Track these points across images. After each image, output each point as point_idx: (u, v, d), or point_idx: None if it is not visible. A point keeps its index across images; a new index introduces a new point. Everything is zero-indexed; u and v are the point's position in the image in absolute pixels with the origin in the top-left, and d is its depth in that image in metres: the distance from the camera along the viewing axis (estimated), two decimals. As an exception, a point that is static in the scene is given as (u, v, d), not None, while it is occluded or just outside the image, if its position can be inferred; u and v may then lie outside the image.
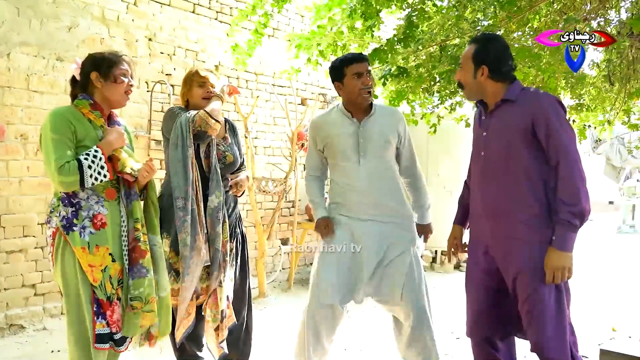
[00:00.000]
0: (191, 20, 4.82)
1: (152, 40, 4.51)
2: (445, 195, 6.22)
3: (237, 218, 2.75)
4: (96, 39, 4.12)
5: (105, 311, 2.07)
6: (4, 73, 3.64)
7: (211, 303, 2.54)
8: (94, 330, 2.04)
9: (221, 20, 5.07)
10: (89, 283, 2.05)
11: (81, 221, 2.05)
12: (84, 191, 2.08)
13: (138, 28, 4.41)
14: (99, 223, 2.08)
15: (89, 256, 2.04)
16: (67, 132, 2.04)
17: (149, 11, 4.49)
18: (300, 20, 5.86)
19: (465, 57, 2.16)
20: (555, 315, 2.00)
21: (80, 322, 2.05)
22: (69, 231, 2.04)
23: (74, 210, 2.05)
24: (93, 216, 2.07)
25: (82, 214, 2.06)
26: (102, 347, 2.06)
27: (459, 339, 3.75)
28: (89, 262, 2.04)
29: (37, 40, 3.78)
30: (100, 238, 2.08)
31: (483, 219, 2.18)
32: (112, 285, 2.09)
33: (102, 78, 2.14)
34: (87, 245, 2.04)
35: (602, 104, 4.08)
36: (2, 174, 3.65)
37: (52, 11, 3.87)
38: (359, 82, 2.48)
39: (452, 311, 4.47)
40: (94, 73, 2.15)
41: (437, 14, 3.62)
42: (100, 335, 2.05)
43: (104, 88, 2.16)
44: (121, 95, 2.19)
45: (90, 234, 2.06)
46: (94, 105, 2.14)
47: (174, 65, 4.68)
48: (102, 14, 4.17)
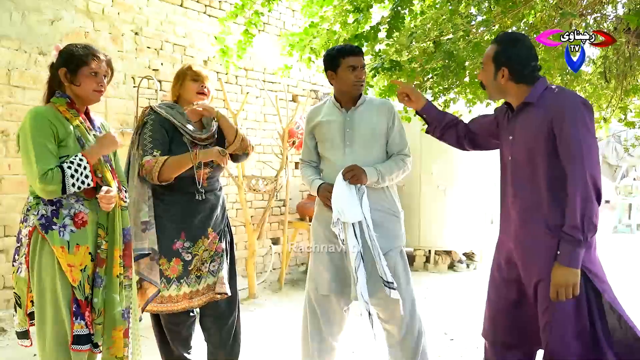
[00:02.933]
0: (179, 14, 4.71)
1: (138, 34, 4.40)
2: (438, 194, 6.16)
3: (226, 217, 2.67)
4: (80, 33, 4.01)
5: (84, 312, 2.02)
6: (-17, 67, 3.53)
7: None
8: (72, 332, 1.99)
9: (210, 15, 4.96)
10: (68, 283, 2.00)
11: (61, 220, 2.01)
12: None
13: (124, 22, 4.29)
14: (80, 221, 2.04)
15: (69, 256, 2.00)
16: (49, 136, 1.99)
17: (135, 4, 4.37)
18: (292, 14, 5.76)
19: (487, 57, 2.10)
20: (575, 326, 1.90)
21: (59, 323, 2.00)
22: (48, 230, 1.99)
23: (55, 209, 2.01)
24: (74, 214, 2.03)
25: (62, 212, 2.02)
26: (80, 349, 2.01)
27: (453, 340, 3.68)
28: (68, 262, 2.00)
29: (18, 34, 3.66)
30: (80, 237, 2.03)
31: (509, 224, 2.11)
32: (89, 286, 2.05)
33: (70, 74, 2.07)
34: (67, 244, 2.00)
35: (598, 101, 4.02)
36: (-18, 171, 3.53)
37: (34, 4, 3.75)
38: (353, 75, 2.46)
39: (446, 312, 4.41)
40: (62, 69, 2.08)
41: (430, 8, 3.55)
42: (78, 336, 2.00)
43: (73, 86, 2.09)
44: (90, 92, 2.10)
45: (70, 232, 2.01)
46: (70, 104, 2.10)
47: (161, 60, 4.57)
48: (87, 7, 4.05)
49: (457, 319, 4.23)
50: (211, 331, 2.58)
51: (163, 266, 2.42)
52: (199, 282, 2.48)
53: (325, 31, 3.59)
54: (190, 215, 2.46)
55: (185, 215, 2.46)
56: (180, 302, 2.44)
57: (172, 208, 2.45)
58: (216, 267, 2.51)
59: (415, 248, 6.33)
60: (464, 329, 3.93)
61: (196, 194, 2.47)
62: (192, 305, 2.48)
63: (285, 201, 5.41)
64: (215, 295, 2.50)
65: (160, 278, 2.40)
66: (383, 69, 3.13)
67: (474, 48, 3.18)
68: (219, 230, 2.57)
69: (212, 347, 2.60)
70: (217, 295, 2.50)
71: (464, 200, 6.17)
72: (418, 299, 2.61)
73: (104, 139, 2.11)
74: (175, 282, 2.43)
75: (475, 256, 6.49)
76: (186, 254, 2.44)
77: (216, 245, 2.53)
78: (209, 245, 2.50)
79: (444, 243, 6.20)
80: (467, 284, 5.59)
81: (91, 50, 2.12)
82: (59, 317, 2.00)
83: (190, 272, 2.45)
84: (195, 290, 2.47)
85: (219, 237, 2.55)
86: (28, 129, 1.98)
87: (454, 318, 4.24)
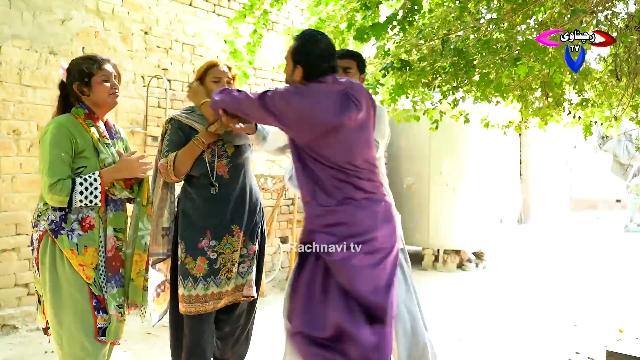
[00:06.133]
0: (188, 14, 4.73)
1: (147, 33, 4.43)
2: (447, 192, 6.13)
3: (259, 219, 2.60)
4: (90, 32, 4.04)
5: (105, 305, 2.13)
6: (-5, 67, 3.57)
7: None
8: (96, 325, 2.09)
9: (219, 14, 4.98)
10: (83, 282, 2.09)
11: (70, 224, 2.10)
12: None
13: (134, 21, 4.32)
14: (87, 225, 2.13)
15: (79, 257, 2.09)
16: (67, 147, 2.08)
17: (145, 4, 4.40)
18: (300, 13, 5.76)
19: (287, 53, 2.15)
20: None
21: (81, 318, 2.08)
22: (57, 235, 2.08)
23: (63, 214, 2.10)
24: (82, 219, 2.12)
25: (70, 218, 2.11)
26: (105, 340, 2.12)
27: (462, 340, 3.67)
28: (79, 262, 2.09)
29: (29, 33, 3.70)
30: (88, 239, 2.12)
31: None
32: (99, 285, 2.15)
33: (84, 87, 2.17)
34: (76, 246, 2.09)
35: (608, 99, 3.98)
36: (-6, 170, 3.57)
37: (45, 3, 3.78)
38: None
39: (454, 311, 4.40)
40: (75, 84, 2.18)
41: (438, 6, 3.53)
42: (101, 328, 2.11)
43: (89, 95, 2.19)
44: (107, 97, 2.20)
45: (78, 236, 2.10)
46: (88, 115, 2.18)
47: (170, 59, 4.59)
48: (97, 7, 4.08)
49: (465, 318, 4.21)
50: (226, 329, 2.57)
51: (189, 265, 2.39)
52: (228, 283, 2.44)
53: (332, 29, 3.59)
54: (213, 211, 2.42)
55: (209, 212, 2.42)
56: (209, 301, 2.40)
57: (198, 206, 2.44)
58: (245, 269, 2.50)
59: (424, 247, 6.31)
60: (473, 329, 3.91)
61: (211, 187, 2.42)
62: (220, 306, 2.45)
63: (294, 200, 5.42)
64: (242, 297, 2.49)
65: (187, 278, 2.38)
66: (393, 68, 3.12)
67: (484, 46, 3.16)
68: (250, 231, 2.51)
69: (222, 345, 2.59)
70: (244, 297, 2.49)
71: (473, 199, 6.15)
72: (426, 298, 2.58)
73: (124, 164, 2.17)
74: (202, 281, 2.38)
75: (484, 255, 6.46)
76: (211, 253, 2.40)
77: (248, 247, 2.50)
78: (238, 245, 2.45)
79: (453, 242, 6.17)
80: (476, 283, 5.57)
81: (96, 58, 2.21)
82: (79, 313, 2.08)
83: (218, 272, 2.41)
84: (224, 291, 2.44)
85: (250, 238, 2.51)
86: (48, 138, 2.07)
87: (462, 317, 4.23)
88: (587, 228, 10.90)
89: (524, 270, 6.30)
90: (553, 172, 12.26)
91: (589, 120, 4.47)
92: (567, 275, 6.00)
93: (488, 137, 6.02)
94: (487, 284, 5.56)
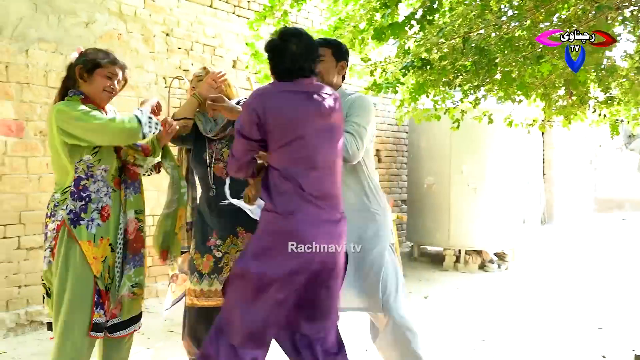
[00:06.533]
0: (208, 15, 4.77)
1: (169, 35, 4.48)
2: (469, 192, 6.07)
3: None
4: (113, 35, 4.10)
5: (104, 301, 2.15)
6: (22, 70, 3.65)
7: None
8: (92, 320, 2.12)
9: (239, 15, 5.01)
10: (92, 275, 2.11)
11: (89, 214, 2.11)
12: (95, 183, 2.14)
13: (155, 23, 4.38)
14: (106, 214, 2.16)
15: (94, 249, 2.11)
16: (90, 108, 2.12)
17: (166, 6, 4.45)
18: (319, 13, 5.77)
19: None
20: None
21: (84, 312, 2.11)
22: (76, 225, 2.09)
23: (84, 204, 2.11)
24: (102, 208, 2.14)
25: (91, 207, 2.12)
26: (98, 336, 2.16)
27: (484, 342, 3.63)
28: (93, 255, 2.11)
29: (54, 36, 3.78)
30: (104, 230, 2.15)
31: None
32: (108, 275, 2.17)
33: (84, 73, 2.17)
34: (93, 237, 2.11)
35: (635, 97, 3.90)
36: (22, 170, 3.65)
37: (69, 7, 3.86)
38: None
39: (476, 313, 4.35)
40: (78, 66, 2.18)
41: (459, 4, 3.50)
42: (96, 324, 2.14)
43: (84, 83, 2.19)
44: (101, 91, 2.19)
45: (97, 226, 2.13)
46: (84, 100, 2.18)
47: (191, 60, 4.64)
48: (119, 9, 4.15)
49: (488, 320, 4.16)
50: None
51: (197, 261, 2.49)
52: None
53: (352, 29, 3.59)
54: (217, 212, 2.50)
55: (215, 212, 2.51)
56: (212, 297, 2.47)
57: (207, 207, 2.53)
58: None
59: (445, 247, 6.25)
60: (495, 330, 3.87)
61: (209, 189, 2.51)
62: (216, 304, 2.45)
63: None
64: None
65: (194, 273, 2.49)
66: (413, 67, 3.10)
67: (506, 44, 3.13)
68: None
69: None
70: None
71: (495, 199, 6.07)
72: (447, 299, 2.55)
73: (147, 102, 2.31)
74: (207, 277, 2.47)
75: (507, 256, 6.38)
76: (217, 252, 2.48)
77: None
78: (243, 245, 2.48)
79: (474, 242, 6.11)
80: (498, 284, 5.50)
81: (111, 55, 2.22)
82: (78, 307, 2.11)
83: (222, 270, 2.47)
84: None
85: None
86: (68, 109, 2.07)
87: (484, 319, 4.18)
88: (613, 229, 10.67)
89: (547, 272, 6.20)
90: (577, 171, 12.05)
91: (615, 119, 4.38)
92: (592, 277, 5.89)
93: (510, 136, 5.95)
94: (510, 285, 5.49)
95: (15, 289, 3.62)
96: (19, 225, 3.64)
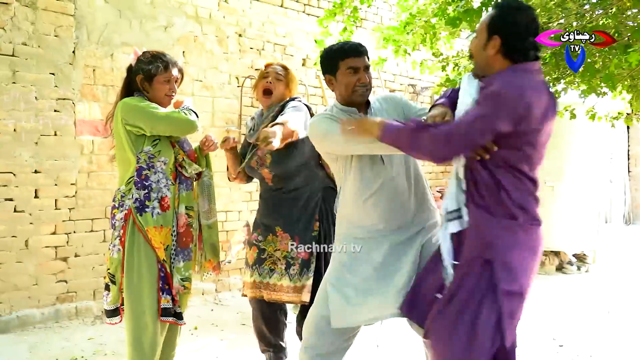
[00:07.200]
0: (279, 15, 4.85)
1: (242, 36, 4.60)
2: (546, 191, 5.79)
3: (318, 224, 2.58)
4: (190, 37, 4.27)
5: (171, 287, 2.28)
6: (108, 73, 3.88)
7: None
8: (159, 305, 2.24)
9: (309, 13, 5.06)
10: (156, 260, 2.23)
11: (152, 202, 2.24)
12: (155, 174, 2.26)
13: (229, 24, 4.51)
14: (166, 205, 2.27)
15: (158, 235, 2.23)
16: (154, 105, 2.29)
17: (239, 7, 4.57)
18: (389, 8, 5.71)
19: (481, 24, 1.84)
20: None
21: (152, 298, 2.24)
22: (142, 212, 2.22)
23: (146, 192, 2.24)
24: (161, 198, 2.26)
25: (152, 196, 2.25)
26: (167, 320, 2.28)
27: (562, 347, 3.46)
28: (160, 240, 2.23)
29: (136, 40, 3.98)
30: (165, 219, 2.27)
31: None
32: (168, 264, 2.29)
33: (146, 82, 2.32)
34: (157, 224, 2.24)
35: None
36: (107, 168, 3.88)
37: (150, 12, 4.05)
38: (355, 78, 2.08)
39: (554, 316, 4.15)
40: (139, 76, 2.32)
41: (538, -7, 3.34)
42: (165, 309, 2.26)
43: (147, 92, 2.33)
44: (163, 97, 2.35)
45: (158, 215, 2.24)
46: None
47: (263, 59, 4.72)
48: (196, 12, 4.31)
49: (566, 324, 3.96)
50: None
51: (247, 253, 2.67)
52: (271, 275, 2.55)
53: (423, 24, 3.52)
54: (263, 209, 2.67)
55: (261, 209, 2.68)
56: (249, 289, 2.61)
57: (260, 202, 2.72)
58: (296, 271, 2.52)
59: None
60: (575, 335, 3.67)
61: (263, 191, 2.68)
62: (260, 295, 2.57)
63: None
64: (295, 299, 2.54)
65: (246, 264, 2.67)
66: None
67: (589, 33, 2.95)
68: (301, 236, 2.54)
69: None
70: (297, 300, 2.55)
71: (574, 197, 5.76)
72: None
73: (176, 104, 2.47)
74: (250, 268, 2.62)
75: (587, 258, 6.03)
76: (261, 245, 2.62)
77: (297, 250, 2.53)
78: (281, 245, 2.56)
79: (552, 243, 5.81)
80: (577, 287, 5.22)
81: (165, 59, 2.33)
82: (146, 292, 2.23)
83: (263, 262, 2.58)
84: (265, 282, 2.56)
85: (301, 242, 2.53)
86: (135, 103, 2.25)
87: (563, 323, 3.98)
88: None
89: (631, 274, 5.80)
90: (667, 168, 11.17)
91: None
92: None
93: (591, 131, 5.61)
94: (590, 288, 5.19)
95: (101, 280, 3.85)
96: (105, 219, 3.87)
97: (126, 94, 2.35)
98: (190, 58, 4.28)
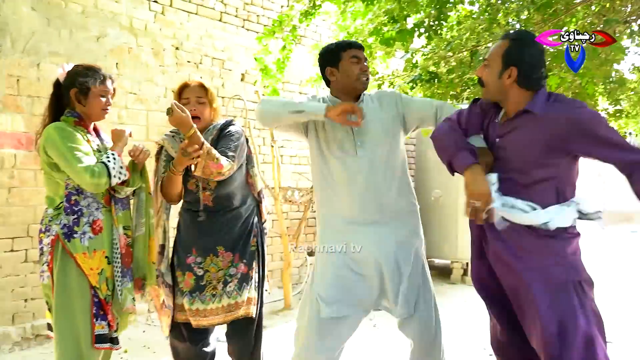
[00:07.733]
0: (218, 29, 4.82)
1: (179, 49, 4.52)
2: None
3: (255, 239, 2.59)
4: (124, 49, 4.15)
5: (106, 313, 2.19)
6: (33, 83, 3.69)
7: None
8: (94, 332, 2.15)
9: (248, 29, 5.06)
10: (89, 286, 2.14)
11: (82, 227, 2.16)
12: (85, 199, 2.18)
13: (165, 37, 4.42)
14: (98, 228, 2.19)
15: (89, 260, 2.15)
16: (79, 141, 2.16)
17: (177, 20, 4.50)
18: (327, 27, 5.81)
19: (495, 54, 1.96)
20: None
21: (85, 324, 2.14)
22: (70, 238, 2.13)
23: (76, 218, 2.15)
24: (92, 222, 2.18)
25: (82, 221, 2.16)
26: (103, 347, 2.19)
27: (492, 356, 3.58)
28: (90, 267, 2.15)
29: (66, 50, 3.82)
30: (97, 242, 2.19)
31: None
32: (107, 287, 2.20)
33: (80, 95, 2.22)
34: (87, 249, 2.15)
35: (644, 110, 3.90)
36: (31, 183, 3.68)
37: (81, 21, 3.91)
38: (357, 67, 2.22)
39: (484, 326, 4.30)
40: (73, 90, 2.22)
41: (467, 19, 3.52)
42: (99, 335, 2.16)
43: (81, 105, 2.24)
44: (99, 111, 2.28)
45: (89, 239, 2.16)
46: (78, 122, 2.23)
47: (200, 73, 4.67)
48: (130, 24, 4.20)
49: (496, 334, 4.11)
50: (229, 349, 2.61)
51: (179, 278, 2.49)
52: (213, 300, 2.46)
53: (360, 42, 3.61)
54: (198, 232, 2.51)
55: (195, 232, 2.52)
56: (193, 317, 2.46)
57: (186, 224, 2.55)
58: (232, 288, 2.47)
59: (453, 260, 6.22)
60: (504, 345, 3.82)
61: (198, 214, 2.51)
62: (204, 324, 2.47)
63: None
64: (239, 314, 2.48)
65: (176, 290, 2.49)
66: (421, 80, 3.12)
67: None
68: (240, 252, 2.51)
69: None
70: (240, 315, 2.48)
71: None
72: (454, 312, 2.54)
73: (114, 135, 2.34)
74: (188, 295, 2.45)
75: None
76: (198, 269, 2.47)
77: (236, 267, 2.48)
78: (223, 264, 2.48)
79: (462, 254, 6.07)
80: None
81: (99, 72, 2.26)
82: (78, 320, 2.13)
83: (204, 288, 2.46)
84: (209, 308, 2.46)
85: (240, 258, 2.50)
86: (58, 139, 2.11)
87: (493, 333, 4.13)
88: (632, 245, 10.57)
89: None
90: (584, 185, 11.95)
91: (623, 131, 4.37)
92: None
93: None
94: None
95: (21, 303, 3.63)
96: (27, 238, 3.66)
97: (55, 111, 2.24)
98: (124, 70, 4.15)
